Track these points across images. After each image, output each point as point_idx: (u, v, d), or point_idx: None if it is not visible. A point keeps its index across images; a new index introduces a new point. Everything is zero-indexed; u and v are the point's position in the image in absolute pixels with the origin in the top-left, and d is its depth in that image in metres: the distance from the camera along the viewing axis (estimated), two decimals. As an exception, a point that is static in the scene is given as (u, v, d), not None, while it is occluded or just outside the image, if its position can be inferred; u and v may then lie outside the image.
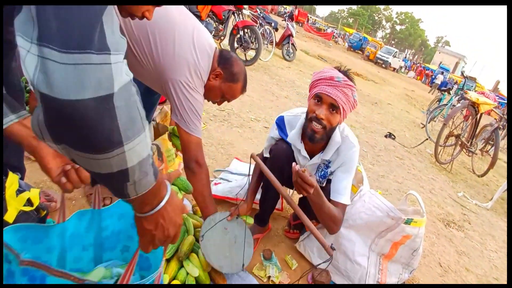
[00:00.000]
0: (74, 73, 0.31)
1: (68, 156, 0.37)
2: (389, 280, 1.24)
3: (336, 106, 0.99)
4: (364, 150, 3.06)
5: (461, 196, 2.85)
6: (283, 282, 1.16)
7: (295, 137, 1.14)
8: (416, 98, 9.91)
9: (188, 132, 1.05)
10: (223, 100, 1.22)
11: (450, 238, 1.98)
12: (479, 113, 3.59)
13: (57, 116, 0.33)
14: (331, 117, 1.01)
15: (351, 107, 1.02)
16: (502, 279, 1.77)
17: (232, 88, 1.17)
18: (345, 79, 0.99)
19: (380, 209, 1.16)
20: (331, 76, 0.99)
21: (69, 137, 0.35)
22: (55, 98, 0.31)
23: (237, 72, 1.15)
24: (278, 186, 0.99)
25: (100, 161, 0.36)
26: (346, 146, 1.11)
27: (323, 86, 1.00)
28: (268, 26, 5.67)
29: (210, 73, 1.11)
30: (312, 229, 0.89)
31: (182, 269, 1.04)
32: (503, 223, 2.64)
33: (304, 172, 0.87)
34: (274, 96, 3.72)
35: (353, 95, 1.01)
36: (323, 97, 1.00)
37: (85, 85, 0.31)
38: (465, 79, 6.92)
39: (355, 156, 1.11)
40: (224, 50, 1.17)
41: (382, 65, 18.95)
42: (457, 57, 41.33)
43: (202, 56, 1.06)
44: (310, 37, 17.01)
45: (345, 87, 0.98)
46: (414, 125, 5.40)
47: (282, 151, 1.16)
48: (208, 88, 1.14)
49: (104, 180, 0.40)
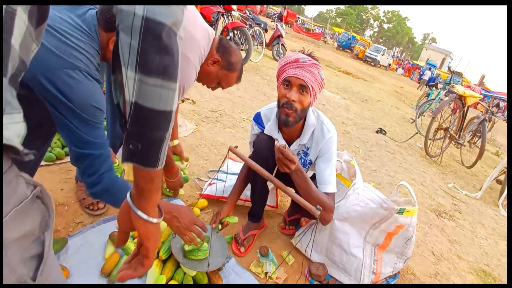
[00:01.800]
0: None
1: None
2: (384, 270, 1.26)
3: (305, 86, 1.00)
4: (356, 146, 3.11)
5: (451, 187, 2.92)
6: (281, 277, 1.17)
7: (272, 128, 1.17)
8: (405, 94, 10.11)
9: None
10: (218, 86, 1.22)
11: (442, 228, 2.03)
12: (466, 106, 3.70)
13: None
14: (302, 98, 1.03)
15: (319, 86, 1.04)
16: (492, 264, 1.83)
17: (229, 77, 1.18)
18: (310, 59, 1.01)
19: (373, 200, 1.18)
20: (296, 58, 1.01)
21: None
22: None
23: (235, 62, 1.16)
24: (258, 168, 1.01)
25: (164, 91, 0.36)
26: (322, 132, 1.12)
27: (290, 69, 1.02)
28: (257, 27, 5.71)
29: (208, 58, 1.12)
30: (297, 198, 0.92)
31: (179, 269, 1.04)
32: (492, 212, 2.72)
33: (285, 148, 0.91)
34: (266, 96, 3.74)
35: (319, 74, 1.02)
36: (291, 80, 1.02)
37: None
38: (451, 74, 7.10)
39: (332, 143, 1.12)
40: (224, 38, 1.17)
41: (371, 63, 19.27)
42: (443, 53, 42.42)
43: (204, 37, 1.07)
44: (299, 38, 17.16)
45: (311, 66, 1.00)
46: (404, 120, 5.51)
47: (264, 142, 1.17)
48: (204, 73, 1.15)
49: (144, 130, 0.38)
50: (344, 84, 7.04)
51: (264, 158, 1.13)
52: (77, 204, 1.21)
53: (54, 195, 1.21)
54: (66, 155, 1.44)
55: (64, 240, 1.01)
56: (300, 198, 0.91)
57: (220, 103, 2.94)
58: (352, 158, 1.43)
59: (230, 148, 1.08)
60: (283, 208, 1.62)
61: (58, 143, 1.49)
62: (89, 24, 0.78)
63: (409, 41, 75.00)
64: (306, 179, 1.02)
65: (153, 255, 0.47)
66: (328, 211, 1.07)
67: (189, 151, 1.90)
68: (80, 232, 1.09)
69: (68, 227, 1.11)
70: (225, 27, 4.40)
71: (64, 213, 1.16)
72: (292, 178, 1.02)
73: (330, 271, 1.24)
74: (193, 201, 1.46)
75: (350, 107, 4.90)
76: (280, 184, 0.98)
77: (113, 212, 1.23)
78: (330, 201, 1.08)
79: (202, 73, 1.15)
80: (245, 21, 5.58)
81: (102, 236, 1.09)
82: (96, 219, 1.17)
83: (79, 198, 1.22)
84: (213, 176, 1.71)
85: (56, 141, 1.50)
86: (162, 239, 1.10)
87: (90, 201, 1.20)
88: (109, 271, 0.96)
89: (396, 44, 71.85)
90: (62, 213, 1.15)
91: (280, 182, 0.98)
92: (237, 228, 1.33)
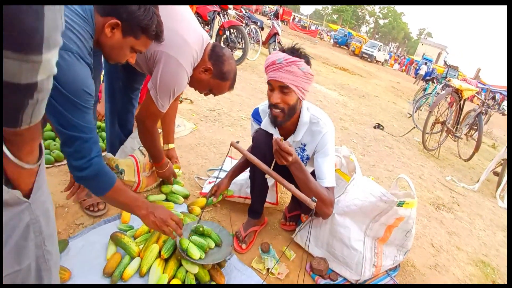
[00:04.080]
0: None
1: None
2: (385, 263, 1.27)
3: (285, 86, 1.01)
4: (354, 141, 3.12)
5: (449, 180, 2.94)
6: (282, 273, 1.18)
7: (267, 124, 1.18)
8: (402, 89, 10.14)
9: (155, 103, 1.10)
10: (210, 93, 1.23)
11: (440, 220, 2.05)
12: (462, 99, 3.72)
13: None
14: (286, 98, 1.03)
15: (303, 80, 1.01)
16: (490, 254, 1.85)
17: (220, 86, 1.18)
18: (286, 58, 0.98)
19: (373, 194, 1.19)
20: (272, 61, 1.01)
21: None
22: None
23: (227, 71, 1.15)
24: (257, 162, 1.02)
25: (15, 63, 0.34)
26: (319, 127, 1.13)
27: (269, 73, 1.03)
28: (254, 26, 5.69)
29: (200, 65, 1.12)
30: (293, 190, 0.92)
31: (181, 267, 1.05)
32: (489, 203, 2.75)
33: (282, 141, 0.93)
34: (263, 94, 3.74)
35: (300, 69, 0.99)
36: (272, 83, 1.03)
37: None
38: (447, 68, 7.12)
39: (329, 138, 1.13)
40: (218, 46, 1.17)
41: (368, 59, 19.29)
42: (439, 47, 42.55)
43: (197, 43, 1.08)
44: (295, 35, 17.13)
45: (287, 66, 0.99)
46: (401, 115, 5.54)
47: (262, 137, 1.18)
48: (196, 80, 1.16)
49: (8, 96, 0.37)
50: (341, 81, 7.05)
51: (262, 152, 1.14)
52: (77, 205, 1.21)
53: (54, 197, 1.21)
54: (65, 158, 1.44)
55: (65, 241, 1.01)
56: (296, 190, 0.92)
57: (218, 102, 2.94)
58: (351, 153, 1.43)
59: (232, 143, 1.09)
60: (283, 205, 1.62)
61: (57, 145, 1.49)
62: (85, 7, 0.77)
63: (405, 36, 75.09)
64: (304, 172, 1.03)
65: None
66: (328, 205, 1.08)
67: (188, 150, 1.90)
68: (81, 233, 1.09)
69: (68, 228, 1.11)
70: (221, 25, 4.38)
71: (64, 214, 1.16)
72: (291, 171, 1.03)
73: (331, 265, 1.25)
74: (193, 199, 1.46)
75: (347, 103, 4.92)
76: (277, 176, 0.98)
77: (114, 213, 1.24)
78: (330, 195, 1.08)
79: (193, 79, 1.16)
80: (241, 20, 5.55)
81: (103, 237, 1.09)
82: (96, 220, 1.17)
83: (80, 199, 1.22)
84: (212, 175, 1.71)
85: (55, 144, 1.49)
86: (164, 238, 1.10)
87: (90, 202, 1.20)
88: (111, 271, 0.97)
89: (392, 40, 71.92)
90: (62, 215, 1.15)
91: (278, 175, 0.99)
92: (237, 225, 1.34)
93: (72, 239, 1.05)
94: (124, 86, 1.34)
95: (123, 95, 1.36)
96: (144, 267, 1.00)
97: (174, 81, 1.07)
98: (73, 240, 1.05)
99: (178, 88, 1.10)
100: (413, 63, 23.21)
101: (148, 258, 1.02)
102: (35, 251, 0.52)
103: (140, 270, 1.00)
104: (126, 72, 1.29)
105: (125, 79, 1.33)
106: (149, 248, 1.05)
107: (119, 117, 1.41)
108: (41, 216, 0.52)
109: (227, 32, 4.36)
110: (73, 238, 1.06)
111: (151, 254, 1.03)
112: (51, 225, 0.56)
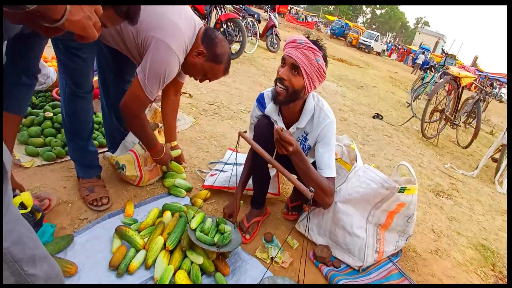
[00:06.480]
0: None
1: None
2: (387, 249, 1.29)
3: (296, 66, 1.01)
4: (354, 131, 3.13)
5: (448, 167, 2.97)
6: (286, 261, 1.19)
7: (272, 109, 1.18)
8: (400, 79, 10.11)
9: (142, 88, 1.06)
10: (205, 79, 1.21)
11: (441, 206, 2.07)
12: (461, 87, 3.72)
13: None
14: (292, 78, 1.03)
15: (315, 72, 1.02)
16: (490, 238, 1.88)
17: (214, 69, 1.16)
18: (307, 42, 1.01)
19: (374, 181, 1.20)
20: (293, 39, 1.03)
21: None
22: None
23: (221, 53, 1.13)
24: (262, 151, 1.02)
25: None
26: (321, 117, 1.14)
27: (287, 49, 1.03)
28: (251, 18, 5.62)
29: (192, 49, 1.10)
30: (291, 179, 0.93)
31: (186, 258, 1.06)
32: (488, 189, 2.78)
33: (282, 131, 0.93)
34: (262, 87, 3.72)
35: (316, 59, 1.00)
36: (285, 58, 1.03)
37: None
38: (445, 57, 7.09)
39: (331, 128, 1.13)
40: (210, 29, 1.15)
41: (365, 50, 19.14)
42: (436, 36, 42.15)
43: (189, 27, 1.06)
44: (293, 27, 16.93)
45: (305, 49, 1.00)
46: (399, 104, 5.53)
47: (264, 126, 1.18)
48: (189, 65, 1.13)
49: None
50: (339, 72, 7.01)
51: (264, 142, 1.14)
52: (81, 201, 1.22)
53: (58, 193, 1.21)
54: (67, 154, 1.43)
55: (70, 237, 1.02)
56: (294, 179, 0.92)
57: (217, 96, 2.92)
58: (352, 142, 1.44)
59: (240, 133, 1.09)
60: (285, 196, 1.63)
61: (59, 142, 1.48)
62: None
63: (402, 26, 74.40)
64: (305, 162, 1.03)
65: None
66: (328, 194, 1.09)
67: (189, 143, 1.90)
68: (85, 228, 1.09)
69: (73, 224, 1.12)
70: (218, 19, 4.33)
71: (68, 210, 1.16)
72: (292, 160, 1.04)
73: (334, 253, 1.27)
74: (195, 192, 1.47)
75: (346, 94, 4.90)
76: (278, 165, 0.99)
77: (118, 207, 1.24)
78: (330, 185, 1.09)
79: (187, 65, 1.13)
80: (238, 13, 5.48)
81: (108, 231, 1.10)
82: (100, 215, 1.18)
83: (82, 195, 1.22)
84: (214, 168, 1.72)
85: (57, 140, 1.48)
86: (168, 230, 1.11)
87: (94, 197, 1.20)
88: (117, 264, 0.97)
89: (389, 30, 71.24)
90: (66, 211, 1.16)
91: (279, 164, 0.99)
92: (240, 216, 1.35)
93: (77, 234, 1.06)
94: (116, 77, 1.32)
95: (116, 88, 1.33)
96: (149, 259, 1.01)
97: (165, 66, 1.04)
98: (78, 235, 1.05)
99: (168, 73, 1.06)
100: (410, 53, 23.04)
101: (154, 250, 1.03)
102: (13, 278, 0.49)
103: (145, 262, 1.01)
104: (116, 63, 1.25)
105: (115, 71, 1.30)
106: (154, 241, 1.06)
107: (115, 110, 1.39)
108: (12, 246, 0.48)
109: (224, 25, 4.31)
110: (78, 233, 1.06)
111: (156, 246, 1.04)
112: (32, 244, 0.51)
